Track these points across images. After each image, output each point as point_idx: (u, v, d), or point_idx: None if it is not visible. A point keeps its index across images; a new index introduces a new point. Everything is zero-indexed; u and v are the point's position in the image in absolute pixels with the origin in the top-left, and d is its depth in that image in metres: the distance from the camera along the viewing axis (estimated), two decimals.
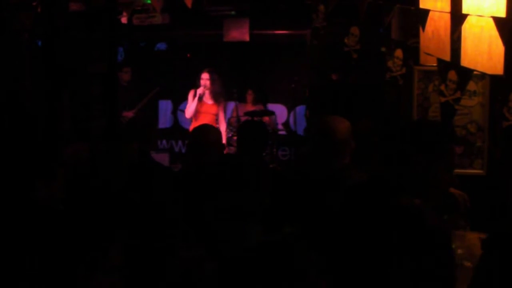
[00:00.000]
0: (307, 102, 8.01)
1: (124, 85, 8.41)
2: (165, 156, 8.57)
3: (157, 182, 3.99)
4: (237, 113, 8.09)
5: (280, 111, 9.37)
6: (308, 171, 3.60)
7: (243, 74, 9.33)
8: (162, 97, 9.62)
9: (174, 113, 9.86)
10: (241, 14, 8.99)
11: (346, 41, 5.22)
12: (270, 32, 9.25)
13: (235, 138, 6.78)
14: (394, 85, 5.07)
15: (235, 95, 8.22)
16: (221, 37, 9.12)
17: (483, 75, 4.44)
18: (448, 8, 3.38)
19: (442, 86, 3.48)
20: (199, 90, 7.45)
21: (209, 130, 4.14)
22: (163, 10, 7.29)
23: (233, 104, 8.29)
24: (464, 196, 3.73)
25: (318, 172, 3.42)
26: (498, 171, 4.91)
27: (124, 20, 7.71)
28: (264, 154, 5.09)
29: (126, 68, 8.55)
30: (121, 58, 9.47)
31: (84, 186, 3.67)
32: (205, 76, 7.50)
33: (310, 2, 5.71)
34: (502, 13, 2.83)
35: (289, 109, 9.52)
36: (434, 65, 3.83)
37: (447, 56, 3.38)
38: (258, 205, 3.11)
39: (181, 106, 9.15)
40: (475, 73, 3.23)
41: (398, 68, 4.73)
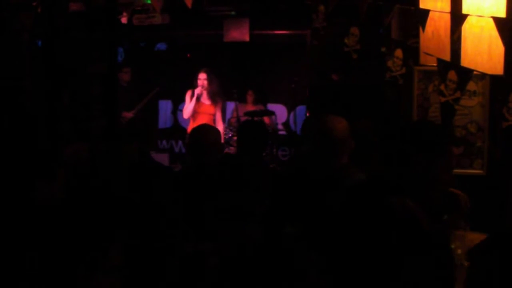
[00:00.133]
0: (307, 102, 8.00)
1: (124, 85, 8.40)
2: (165, 156, 8.56)
3: (157, 182, 3.99)
4: (237, 113, 8.07)
5: (280, 111, 9.35)
6: (307, 171, 3.60)
7: (243, 74, 9.32)
8: (162, 97, 9.60)
9: (174, 113, 9.85)
10: (241, 14, 8.98)
11: (346, 41, 5.22)
12: (270, 32, 9.24)
13: (235, 138, 6.79)
14: (394, 85, 5.07)
15: (235, 95, 8.20)
16: (221, 37, 9.11)
17: (483, 75, 4.43)
18: (448, 8, 3.38)
19: (442, 86, 3.47)
20: (197, 90, 7.42)
21: (208, 130, 4.14)
22: (163, 10, 7.27)
23: (233, 104, 8.27)
24: (464, 196, 3.72)
25: (317, 171, 3.42)
26: (498, 171, 4.90)
27: (124, 20, 7.69)
28: (264, 154, 5.09)
29: (126, 68, 8.54)
30: (121, 58, 9.47)
31: (84, 186, 3.67)
32: (202, 76, 7.47)
33: (310, 2, 5.71)
34: (502, 13, 2.84)
35: (289, 109, 9.51)
36: (434, 65, 3.82)
37: (447, 56, 3.38)
38: (258, 205, 3.11)
39: (180, 106, 9.13)
40: (475, 73, 3.23)
41: (398, 68, 4.73)
